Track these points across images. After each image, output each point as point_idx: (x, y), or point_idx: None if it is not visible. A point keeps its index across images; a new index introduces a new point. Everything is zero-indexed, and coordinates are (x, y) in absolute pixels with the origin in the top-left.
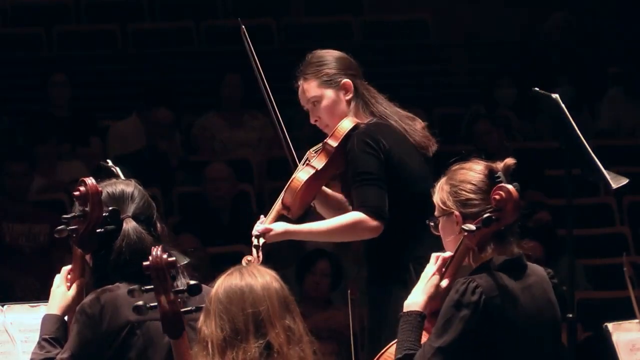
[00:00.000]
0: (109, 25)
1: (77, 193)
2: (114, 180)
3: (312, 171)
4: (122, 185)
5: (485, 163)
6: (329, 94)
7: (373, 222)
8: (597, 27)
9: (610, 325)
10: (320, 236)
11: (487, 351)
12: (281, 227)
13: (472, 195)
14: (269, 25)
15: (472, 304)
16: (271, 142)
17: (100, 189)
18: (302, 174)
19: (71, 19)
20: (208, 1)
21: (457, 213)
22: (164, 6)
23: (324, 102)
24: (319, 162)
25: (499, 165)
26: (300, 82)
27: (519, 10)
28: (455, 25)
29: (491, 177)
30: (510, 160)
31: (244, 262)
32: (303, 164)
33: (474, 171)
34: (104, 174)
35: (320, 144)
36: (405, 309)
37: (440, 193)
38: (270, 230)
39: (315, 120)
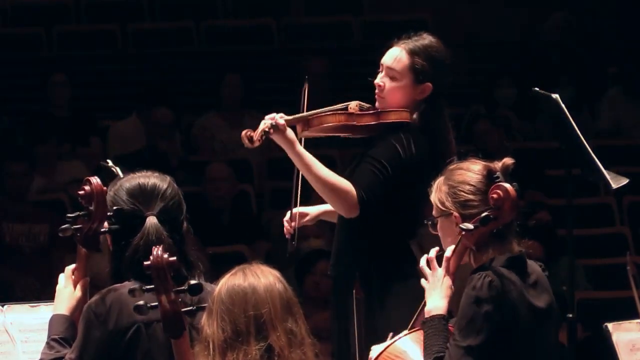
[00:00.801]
0: (109, 25)
1: (81, 192)
2: (149, 172)
3: (352, 122)
4: (156, 179)
5: (484, 163)
6: (408, 82)
7: (354, 204)
8: (597, 27)
9: (610, 325)
10: (309, 174)
11: (497, 345)
12: (293, 135)
13: (471, 197)
14: (269, 25)
15: (492, 299)
16: (271, 142)
17: (105, 188)
18: (343, 117)
19: (71, 19)
20: (208, 1)
21: (456, 214)
22: (164, 6)
23: (398, 84)
24: (362, 120)
25: (498, 165)
26: (399, 49)
27: (519, 10)
28: (455, 25)
29: (490, 177)
30: (508, 160)
31: (244, 135)
32: (344, 108)
33: (472, 172)
34: (104, 174)
35: (370, 106)
36: (427, 315)
37: (438, 193)
38: (285, 130)
39: (380, 85)
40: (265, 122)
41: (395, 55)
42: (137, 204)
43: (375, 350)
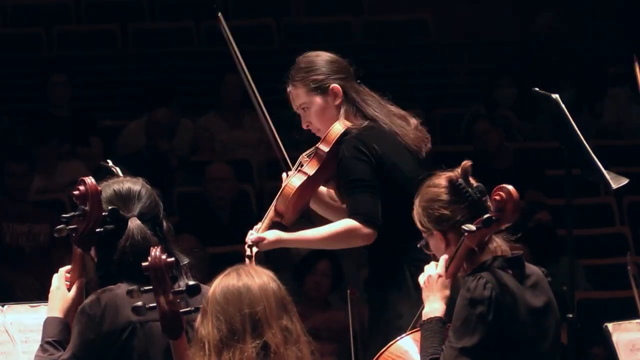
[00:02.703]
0: (109, 25)
1: (76, 192)
2: (121, 177)
3: (304, 177)
4: (130, 183)
5: (446, 174)
6: (318, 100)
7: (365, 230)
8: (597, 27)
9: (610, 325)
10: (313, 244)
11: (495, 346)
12: (274, 235)
13: (443, 211)
14: (269, 25)
15: (486, 300)
16: (270, 142)
17: (99, 188)
18: (294, 180)
19: (71, 19)
20: (208, 1)
21: (435, 232)
22: (164, 6)
23: (313, 109)
24: (310, 168)
25: (457, 171)
26: (290, 88)
27: (519, 10)
28: (455, 25)
29: (453, 186)
30: (466, 163)
31: None
32: (295, 169)
33: (438, 187)
34: (104, 174)
35: (313, 149)
36: (424, 317)
37: (417, 216)
38: (264, 239)
39: (307, 126)
40: (246, 250)
41: (292, 96)
42: (117, 209)
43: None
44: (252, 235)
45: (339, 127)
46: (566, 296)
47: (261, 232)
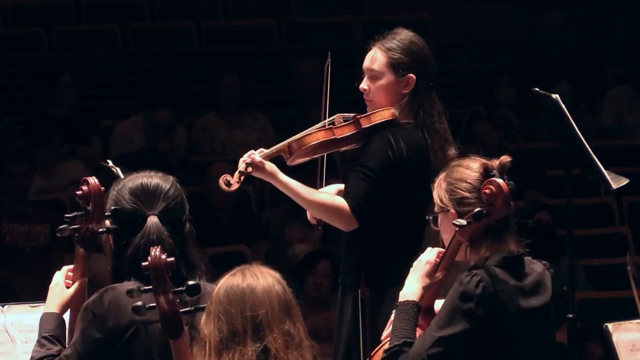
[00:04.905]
0: (109, 25)
1: (79, 192)
2: (153, 172)
3: (331, 136)
4: (159, 179)
5: (482, 160)
6: (391, 78)
7: (350, 217)
8: (597, 27)
9: (610, 325)
10: (299, 199)
11: (485, 345)
12: (272, 168)
13: (467, 194)
14: (269, 25)
15: (477, 297)
16: (271, 142)
17: (102, 188)
18: (320, 133)
19: (71, 19)
20: (208, 1)
21: (452, 211)
22: (164, 6)
23: (382, 82)
24: (341, 131)
25: (495, 162)
26: (375, 49)
27: (519, 10)
28: (455, 25)
29: (487, 175)
30: (506, 158)
31: (221, 180)
32: (327, 123)
33: (470, 169)
34: (104, 174)
35: (352, 115)
36: (400, 299)
37: (438, 190)
38: (263, 165)
39: (364, 89)
40: (241, 163)
41: (372, 56)
42: (138, 204)
43: None
44: (255, 156)
45: (388, 114)
46: (566, 296)
47: (263, 158)
